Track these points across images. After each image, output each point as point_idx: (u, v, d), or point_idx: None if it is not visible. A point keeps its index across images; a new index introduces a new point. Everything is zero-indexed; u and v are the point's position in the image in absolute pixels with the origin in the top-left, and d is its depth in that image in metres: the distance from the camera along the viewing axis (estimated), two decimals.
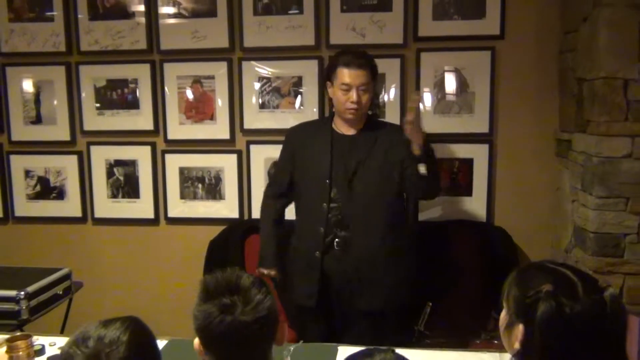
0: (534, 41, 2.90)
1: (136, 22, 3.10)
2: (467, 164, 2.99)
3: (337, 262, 2.37)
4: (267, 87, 3.07)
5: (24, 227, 3.34)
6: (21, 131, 3.27)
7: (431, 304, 2.51)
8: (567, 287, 1.13)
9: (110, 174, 3.24)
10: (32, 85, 3.23)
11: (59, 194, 3.29)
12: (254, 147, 3.12)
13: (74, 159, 3.25)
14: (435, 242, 2.87)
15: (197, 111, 3.14)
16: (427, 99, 2.98)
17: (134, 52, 3.12)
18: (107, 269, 3.31)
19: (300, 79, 3.04)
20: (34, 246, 3.32)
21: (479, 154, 2.98)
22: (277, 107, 3.08)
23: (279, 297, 1.37)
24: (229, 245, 3.02)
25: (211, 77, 3.11)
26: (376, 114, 2.91)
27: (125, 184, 3.24)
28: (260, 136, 3.10)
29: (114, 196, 3.26)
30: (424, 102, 2.91)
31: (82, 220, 3.30)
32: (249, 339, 1.25)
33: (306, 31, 2.99)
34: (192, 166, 3.18)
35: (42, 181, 3.30)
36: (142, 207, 3.24)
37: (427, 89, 2.97)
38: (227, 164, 3.15)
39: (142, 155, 3.21)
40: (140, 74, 3.14)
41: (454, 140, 2.97)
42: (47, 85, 3.22)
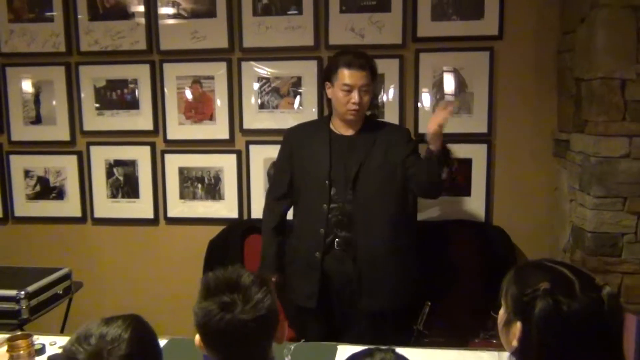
0: (533, 41, 2.91)
1: (136, 22, 3.11)
2: (466, 164, 3.00)
3: (338, 262, 2.37)
4: (267, 88, 3.08)
5: (23, 227, 3.35)
6: (21, 131, 3.27)
7: (430, 303, 2.51)
8: (564, 285, 1.14)
9: (109, 174, 3.25)
10: (32, 85, 3.23)
11: (59, 194, 3.30)
12: (253, 147, 3.13)
13: (73, 159, 3.26)
14: (434, 241, 2.88)
15: (197, 111, 3.15)
16: (426, 99, 2.99)
17: (134, 53, 3.13)
18: (107, 269, 3.31)
19: (299, 79, 3.05)
20: (34, 246, 3.32)
21: (477, 154, 2.99)
22: (277, 107, 3.08)
23: (278, 297, 1.38)
24: (228, 245, 3.03)
25: (211, 78, 3.12)
26: (375, 114, 2.92)
27: (124, 184, 3.25)
28: (259, 136, 3.11)
29: (114, 196, 3.26)
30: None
31: (82, 220, 3.30)
32: (249, 337, 1.25)
33: (305, 32, 3.00)
34: (192, 166, 3.19)
35: (42, 181, 3.30)
36: (141, 207, 3.25)
37: (425, 89, 2.99)
38: (226, 164, 3.16)
39: (141, 155, 3.21)
40: (139, 74, 3.15)
41: (452, 140, 2.96)
42: (47, 85, 3.22)
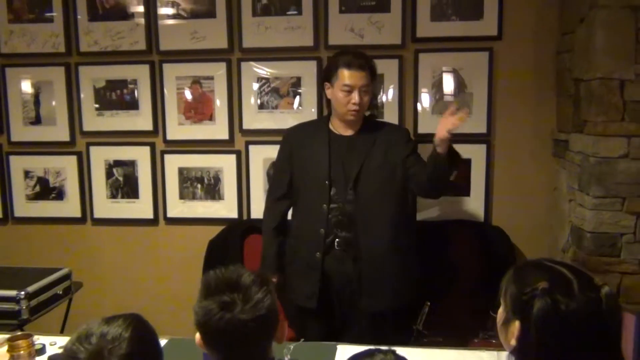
0: (532, 42, 2.91)
1: (135, 23, 3.11)
2: (465, 164, 2.99)
3: (338, 262, 2.38)
4: (266, 88, 3.09)
5: (23, 227, 3.35)
6: (21, 132, 3.28)
7: (429, 303, 2.51)
8: (562, 284, 1.14)
9: (109, 174, 3.25)
10: (32, 86, 3.23)
11: (59, 194, 3.30)
12: (252, 148, 3.13)
13: (73, 159, 3.26)
14: (433, 241, 2.88)
15: (196, 112, 3.15)
16: (425, 99, 3.00)
17: (134, 53, 3.13)
18: (107, 269, 3.31)
19: (299, 79, 3.05)
20: (34, 246, 3.33)
21: (477, 154, 2.99)
22: (276, 107, 3.09)
23: (278, 297, 1.39)
24: (228, 245, 3.03)
25: (210, 78, 3.12)
26: (374, 115, 2.93)
27: (124, 185, 3.25)
28: (259, 136, 3.11)
29: (114, 196, 3.27)
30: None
31: (82, 220, 3.30)
32: (248, 336, 1.26)
33: (305, 32, 3.01)
34: (191, 166, 3.19)
35: (42, 182, 3.30)
36: (141, 207, 3.25)
37: (425, 90, 2.99)
38: (226, 164, 3.16)
39: (141, 155, 3.22)
40: (139, 74, 3.15)
41: (452, 140, 2.97)
42: (47, 86, 3.22)
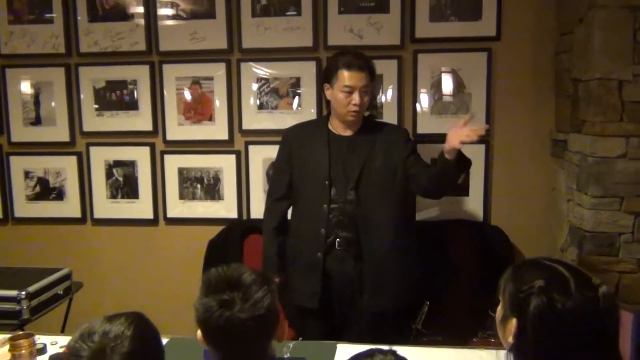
0: (530, 42, 2.92)
1: (135, 23, 3.12)
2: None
3: (339, 262, 2.38)
4: (266, 88, 3.09)
5: (23, 227, 3.35)
6: (21, 132, 3.28)
7: (429, 302, 2.53)
8: (559, 283, 1.15)
9: (109, 174, 3.26)
10: (32, 86, 3.24)
11: (59, 194, 3.30)
12: (252, 148, 3.14)
13: (73, 159, 3.27)
14: (432, 241, 2.89)
15: (196, 112, 3.16)
16: (424, 99, 3.01)
17: (133, 54, 3.14)
18: (107, 269, 3.32)
19: (298, 80, 3.06)
20: (34, 247, 3.33)
21: (475, 154, 2.98)
22: (276, 107, 3.10)
23: (278, 297, 1.40)
24: (227, 245, 3.04)
25: (210, 78, 3.13)
26: (373, 115, 2.94)
27: (124, 185, 3.26)
28: (258, 137, 3.12)
29: (113, 197, 3.27)
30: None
31: (82, 220, 3.31)
32: (248, 335, 1.27)
33: (304, 32, 3.01)
34: (191, 167, 3.20)
35: (42, 182, 3.31)
36: (141, 207, 3.26)
37: (424, 90, 3.00)
38: (225, 165, 3.17)
39: (141, 156, 3.22)
40: (139, 75, 3.15)
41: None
42: (47, 86, 3.23)
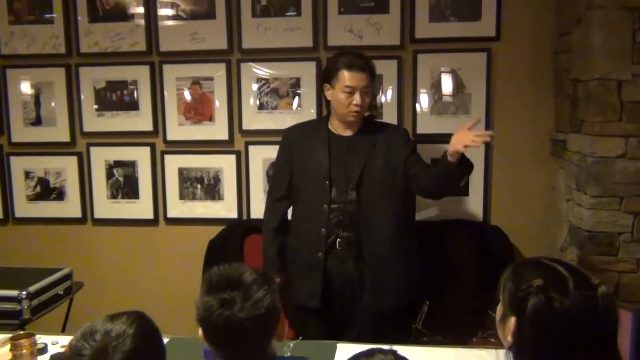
0: (529, 43, 2.93)
1: (135, 24, 3.12)
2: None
3: (340, 262, 2.39)
4: (266, 88, 3.10)
5: (24, 228, 3.36)
6: (21, 132, 3.29)
7: (429, 302, 2.53)
8: (558, 282, 1.15)
9: (109, 174, 3.26)
10: (32, 87, 3.24)
11: (59, 194, 3.31)
12: (252, 148, 3.14)
13: (73, 160, 3.27)
14: (432, 241, 2.89)
15: (196, 112, 3.16)
16: (424, 100, 3.01)
17: (134, 54, 3.14)
18: (107, 269, 3.32)
19: (298, 80, 3.07)
20: (34, 247, 3.34)
21: (475, 154, 2.98)
22: (276, 108, 3.10)
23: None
24: (228, 245, 3.05)
25: (210, 79, 3.13)
26: (373, 115, 2.94)
27: (124, 185, 3.26)
28: (258, 137, 3.13)
29: (114, 197, 3.28)
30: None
31: (82, 221, 3.31)
32: (247, 334, 1.28)
33: (304, 33, 3.02)
34: (191, 167, 3.21)
35: (42, 182, 3.31)
36: (141, 207, 3.26)
37: (424, 90, 3.01)
38: (225, 165, 3.18)
39: (141, 156, 3.23)
40: (139, 75, 3.16)
41: (450, 140, 2.98)
42: (47, 86, 3.23)
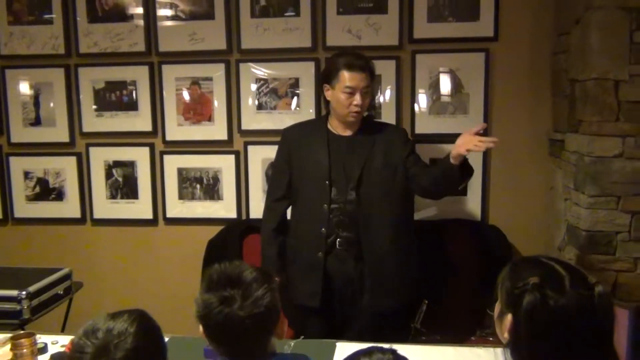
0: (528, 43, 2.94)
1: (135, 24, 3.13)
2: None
3: (340, 262, 2.39)
4: (265, 89, 3.11)
5: (23, 228, 3.36)
6: (20, 133, 3.29)
7: (427, 301, 2.54)
8: (554, 280, 1.16)
9: (109, 175, 3.27)
10: (32, 87, 3.25)
11: (58, 195, 3.31)
12: (251, 148, 3.15)
13: (73, 160, 3.28)
14: (431, 240, 2.90)
15: (195, 112, 3.17)
16: (423, 100, 3.02)
17: (133, 54, 3.15)
18: (106, 269, 3.33)
19: (297, 80, 3.07)
20: (34, 247, 3.34)
21: (473, 154, 2.98)
22: (275, 108, 3.11)
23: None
24: (227, 245, 3.05)
25: (209, 79, 3.14)
26: (372, 115, 2.95)
27: (124, 185, 3.27)
28: (257, 137, 3.13)
29: (113, 197, 3.28)
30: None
31: (81, 221, 3.32)
32: (247, 332, 1.30)
33: (303, 33, 3.03)
34: (190, 167, 3.21)
35: (42, 182, 3.32)
36: (140, 207, 3.27)
37: (422, 90, 3.01)
38: (225, 165, 3.18)
39: (140, 156, 3.23)
40: (138, 75, 3.17)
41: (449, 140, 2.93)
42: (46, 87, 3.24)
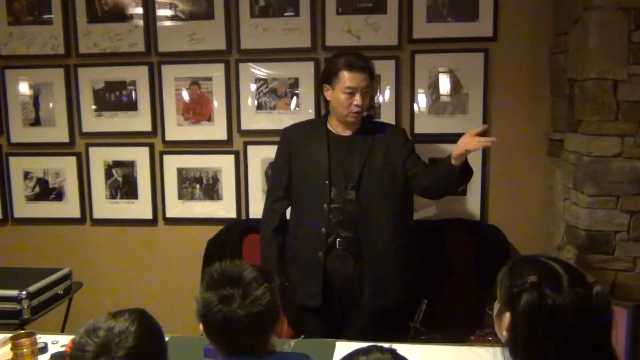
0: (527, 43, 2.94)
1: (134, 24, 3.13)
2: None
3: (340, 261, 2.40)
4: (264, 89, 3.11)
5: (23, 228, 3.36)
6: (20, 133, 3.29)
7: (427, 301, 2.54)
8: (552, 279, 1.16)
9: (108, 175, 3.27)
10: (31, 87, 3.25)
11: (58, 195, 3.31)
12: (251, 148, 3.15)
13: (72, 160, 3.28)
14: (430, 240, 2.91)
15: (195, 112, 3.17)
16: (422, 100, 3.03)
17: (132, 55, 3.15)
18: (106, 269, 3.33)
19: (296, 80, 3.08)
20: (34, 247, 3.34)
21: (472, 154, 2.98)
22: (274, 108, 3.11)
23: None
24: (226, 245, 3.05)
25: (208, 79, 3.14)
26: (371, 115, 2.96)
27: (123, 185, 3.27)
28: (257, 137, 3.14)
29: (113, 197, 3.28)
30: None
31: (81, 221, 3.32)
32: (246, 330, 1.31)
33: (302, 33, 3.03)
34: (190, 167, 3.21)
35: (41, 182, 3.32)
36: (140, 207, 3.27)
37: (421, 90, 3.02)
38: (224, 165, 3.19)
39: (140, 156, 3.24)
40: (138, 76, 3.17)
41: (448, 140, 2.97)
42: (46, 87, 3.24)
